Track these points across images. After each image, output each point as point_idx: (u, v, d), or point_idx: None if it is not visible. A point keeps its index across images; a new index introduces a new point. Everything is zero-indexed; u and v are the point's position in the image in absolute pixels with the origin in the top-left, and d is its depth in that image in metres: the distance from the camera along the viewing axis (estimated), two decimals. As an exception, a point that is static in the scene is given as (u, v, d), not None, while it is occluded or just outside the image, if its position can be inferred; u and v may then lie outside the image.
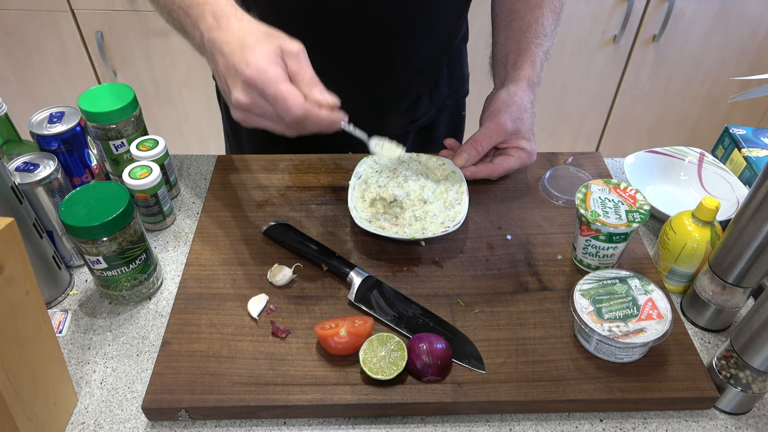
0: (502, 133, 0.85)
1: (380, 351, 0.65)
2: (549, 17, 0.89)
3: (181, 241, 0.85)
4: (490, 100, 0.89)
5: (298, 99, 0.61)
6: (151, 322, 0.74)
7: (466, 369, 0.66)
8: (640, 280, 0.70)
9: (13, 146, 0.77)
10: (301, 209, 0.86)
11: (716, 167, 0.92)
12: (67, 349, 0.71)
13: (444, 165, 0.88)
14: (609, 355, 0.67)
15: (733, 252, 0.67)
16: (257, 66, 0.61)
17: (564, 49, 1.82)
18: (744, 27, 1.80)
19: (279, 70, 0.61)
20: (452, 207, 0.82)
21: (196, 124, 2.00)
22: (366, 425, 0.65)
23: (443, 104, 1.07)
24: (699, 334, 0.75)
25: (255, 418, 0.65)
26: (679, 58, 1.86)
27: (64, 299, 0.77)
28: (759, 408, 0.68)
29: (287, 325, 0.71)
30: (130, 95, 0.84)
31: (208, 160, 0.98)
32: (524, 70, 0.87)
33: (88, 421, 0.65)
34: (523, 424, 0.65)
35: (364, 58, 0.90)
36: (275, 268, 0.75)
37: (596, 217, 0.72)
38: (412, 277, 0.77)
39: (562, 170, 0.93)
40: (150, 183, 0.79)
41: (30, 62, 1.81)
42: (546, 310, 0.73)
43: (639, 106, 1.99)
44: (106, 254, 0.69)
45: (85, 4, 1.70)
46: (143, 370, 0.69)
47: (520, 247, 0.81)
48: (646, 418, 0.66)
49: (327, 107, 0.64)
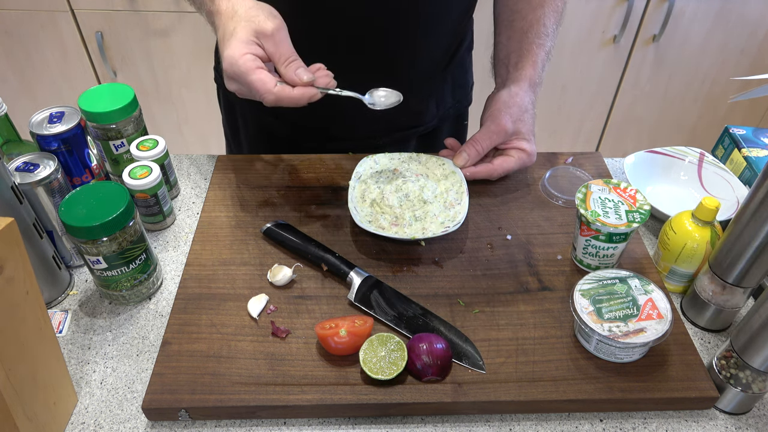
0: (503, 133, 0.85)
1: (380, 351, 0.65)
2: (551, 17, 0.89)
3: (181, 241, 0.85)
4: (491, 101, 0.89)
5: (266, 86, 0.67)
6: (151, 322, 0.74)
7: (466, 369, 0.66)
8: (640, 280, 0.70)
9: (13, 146, 0.77)
10: (301, 209, 0.86)
11: (716, 167, 0.92)
12: (67, 349, 0.71)
13: (444, 165, 0.88)
14: (609, 355, 0.67)
15: (733, 252, 0.67)
16: (230, 58, 0.67)
17: (564, 49, 1.82)
18: (744, 27, 1.80)
19: (248, 61, 0.67)
20: (452, 207, 0.82)
21: (196, 124, 2.00)
22: (366, 425, 0.65)
23: (446, 113, 1.06)
24: (699, 334, 0.75)
25: (255, 418, 0.65)
26: (679, 58, 1.86)
27: (64, 299, 0.77)
28: (759, 408, 0.68)
29: (287, 325, 0.71)
30: (130, 95, 0.84)
31: (208, 160, 0.98)
32: (526, 71, 0.87)
33: (88, 421, 0.65)
34: (523, 424, 0.65)
35: (367, 58, 0.89)
36: (275, 268, 0.75)
37: (596, 217, 0.72)
38: (412, 277, 0.77)
39: (562, 170, 0.93)
40: (150, 183, 0.79)
41: (30, 62, 1.81)
42: (546, 310, 0.73)
43: (639, 106, 1.99)
44: (106, 254, 0.69)
45: (85, 4, 1.70)
46: (143, 370, 0.69)
47: (520, 247, 0.81)
48: (646, 418, 0.66)
49: (300, 85, 0.69)
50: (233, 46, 0.68)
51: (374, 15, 0.84)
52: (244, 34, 0.68)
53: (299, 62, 0.70)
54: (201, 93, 1.90)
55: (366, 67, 0.90)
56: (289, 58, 0.69)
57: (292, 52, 0.70)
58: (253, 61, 0.68)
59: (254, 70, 0.68)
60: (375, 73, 0.92)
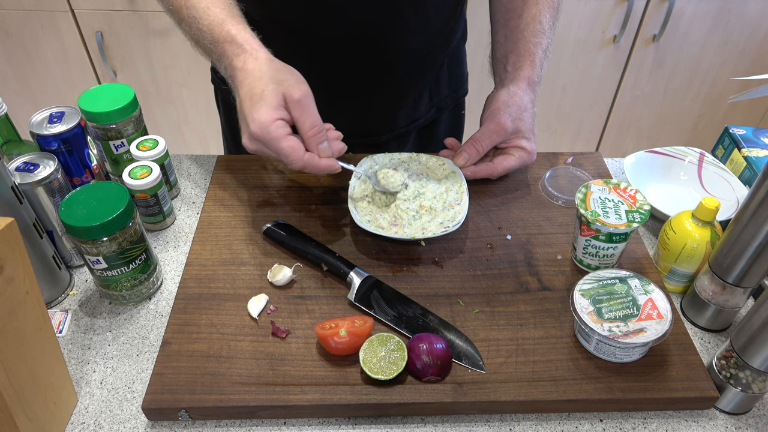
0: (502, 132, 0.85)
1: (380, 351, 0.65)
2: (546, 14, 0.89)
3: (181, 241, 0.85)
4: (490, 100, 0.89)
5: (296, 154, 0.69)
6: (151, 322, 0.74)
7: (466, 369, 0.66)
8: (640, 280, 0.70)
9: (13, 146, 0.77)
10: (301, 209, 0.86)
11: (716, 167, 0.92)
12: (67, 349, 0.71)
13: (444, 165, 0.88)
14: (609, 355, 0.67)
15: (733, 252, 0.67)
16: (260, 123, 0.68)
17: (564, 49, 1.82)
18: (744, 27, 1.80)
19: (279, 128, 0.68)
20: (452, 207, 0.82)
21: (196, 124, 2.00)
22: (366, 425, 0.65)
23: (444, 103, 1.07)
24: (699, 334, 0.75)
25: (255, 418, 0.65)
26: (679, 58, 1.86)
27: (64, 299, 0.77)
28: (759, 408, 0.68)
29: (287, 325, 0.71)
30: (130, 95, 0.84)
31: (208, 160, 0.98)
32: (524, 70, 0.87)
33: (88, 421, 0.65)
34: (523, 424, 0.65)
35: (360, 51, 0.89)
36: (275, 268, 0.75)
37: (596, 217, 0.72)
38: (412, 277, 0.77)
39: (562, 170, 0.93)
40: (150, 183, 0.79)
41: (30, 62, 1.81)
42: (546, 310, 0.73)
43: (639, 106, 1.99)
44: (106, 254, 0.69)
45: (85, 4, 1.70)
46: (143, 370, 0.69)
47: (520, 247, 0.81)
48: (646, 418, 0.66)
49: (325, 157, 0.71)
50: (263, 111, 0.68)
51: (372, 13, 0.85)
52: (274, 99, 0.68)
53: (324, 134, 0.71)
54: (201, 93, 1.90)
55: (361, 65, 0.90)
56: (313, 126, 0.70)
57: (317, 120, 0.70)
58: (283, 128, 0.69)
59: (285, 137, 0.68)
60: (369, 68, 0.92)
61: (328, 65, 0.90)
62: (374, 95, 0.96)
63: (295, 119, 0.70)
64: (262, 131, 0.68)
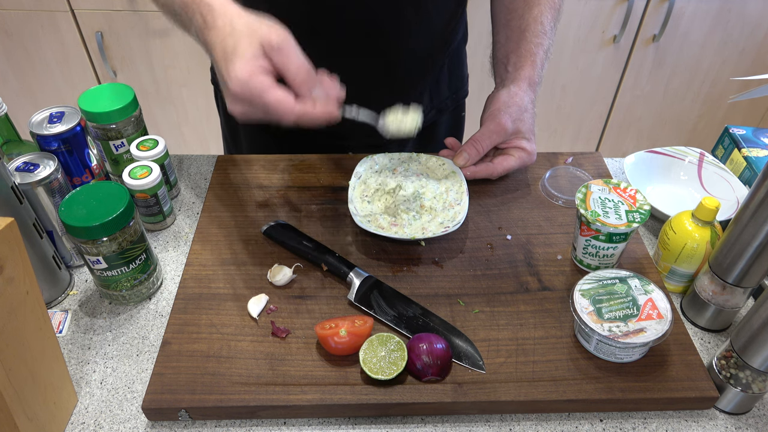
0: (503, 133, 0.85)
1: (380, 351, 0.65)
2: (548, 15, 0.89)
3: (181, 241, 0.85)
4: (490, 100, 0.89)
5: (288, 105, 0.61)
6: (151, 322, 0.74)
7: (466, 369, 0.66)
8: (640, 280, 0.70)
9: (13, 146, 0.77)
10: (301, 209, 0.86)
11: (716, 167, 0.92)
12: (67, 349, 0.71)
13: (444, 165, 0.88)
14: (609, 355, 0.67)
15: (733, 252, 0.67)
16: (238, 79, 0.60)
17: (564, 49, 1.82)
18: (744, 27, 1.80)
19: (261, 79, 0.60)
20: (452, 207, 0.82)
21: (196, 124, 2.00)
22: (366, 425, 0.65)
23: (444, 105, 1.07)
24: (699, 334, 0.75)
25: (255, 418, 0.65)
26: (679, 58, 1.86)
27: (64, 299, 0.77)
28: (759, 408, 0.68)
29: (287, 325, 0.71)
30: (130, 95, 0.84)
31: (208, 160, 0.98)
32: (524, 71, 0.87)
33: (88, 421, 0.65)
34: (523, 424, 0.65)
35: (361, 52, 0.89)
36: (275, 268, 0.75)
37: (596, 217, 0.72)
38: (412, 277, 0.77)
39: (562, 170, 0.93)
40: (150, 183, 0.79)
41: (30, 62, 1.81)
42: (546, 310, 0.73)
43: (639, 106, 1.99)
44: (106, 254, 0.69)
45: (85, 4, 1.69)
46: (143, 370, 0.69)
47: (520, 247, 0.81)
48: (646, 418, 0.66)
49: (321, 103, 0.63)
50: (239, 66, 0.60)
51: (372, 14, 0.84)
52: (250, 49, 0.60)
53: (313, 77, 0.64)
54: (201, 93, 1.89)
55: (362, 65, 0.90)
56: (300, 69, 0.62)
57: (303, 62, 0.63)
58: (265, 78, 0.61)
59: (269, 89, 0.60)
60: (370, 68, 0.92)
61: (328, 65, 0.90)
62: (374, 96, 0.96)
63: (279, 67, 0.62)
64: (242, 87, 0.60)
